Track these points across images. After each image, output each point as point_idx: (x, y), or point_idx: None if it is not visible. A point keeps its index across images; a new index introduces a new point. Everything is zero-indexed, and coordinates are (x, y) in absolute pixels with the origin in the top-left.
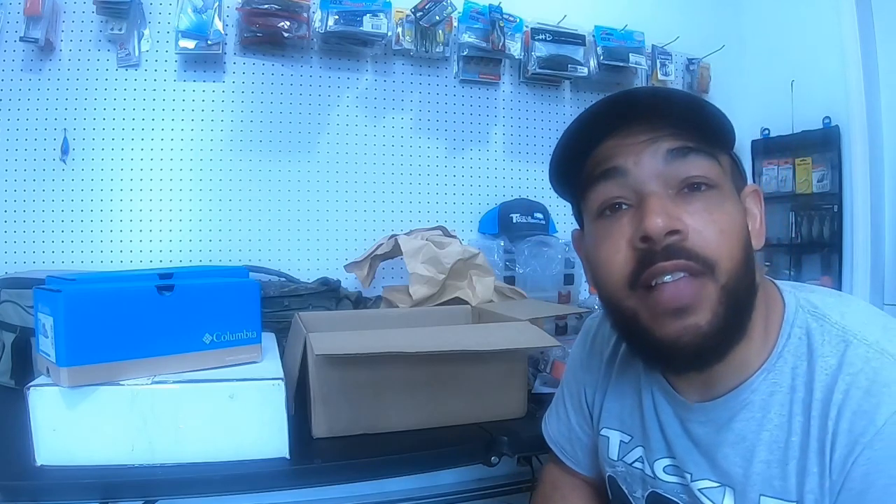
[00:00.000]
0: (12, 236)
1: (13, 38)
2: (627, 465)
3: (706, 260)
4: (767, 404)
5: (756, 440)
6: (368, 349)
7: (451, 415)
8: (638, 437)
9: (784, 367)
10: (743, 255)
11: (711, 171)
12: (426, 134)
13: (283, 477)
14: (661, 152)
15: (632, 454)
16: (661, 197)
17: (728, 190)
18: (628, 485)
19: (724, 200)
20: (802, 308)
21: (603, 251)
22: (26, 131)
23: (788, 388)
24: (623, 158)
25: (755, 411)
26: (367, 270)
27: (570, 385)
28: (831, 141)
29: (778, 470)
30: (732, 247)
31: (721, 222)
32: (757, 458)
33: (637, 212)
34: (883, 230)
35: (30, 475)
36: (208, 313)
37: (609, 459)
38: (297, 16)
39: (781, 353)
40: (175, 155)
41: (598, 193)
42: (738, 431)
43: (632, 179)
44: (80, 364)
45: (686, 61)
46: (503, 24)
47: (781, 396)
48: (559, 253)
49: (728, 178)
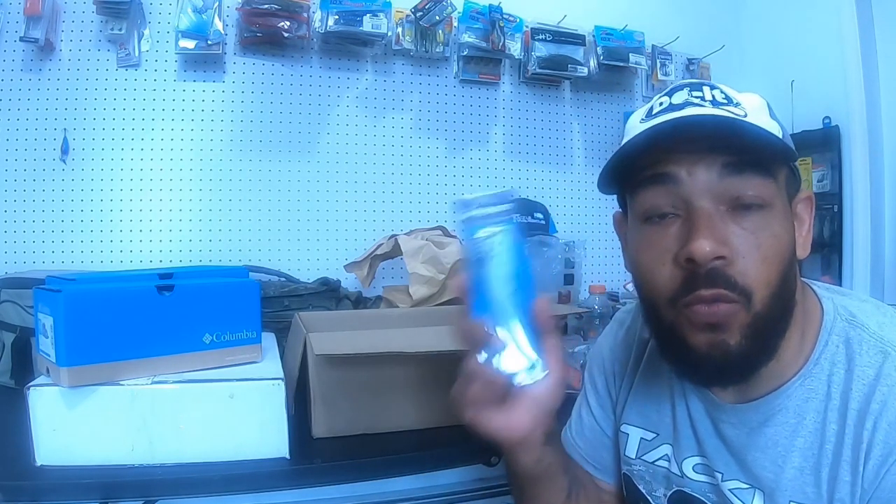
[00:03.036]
0: (12, 236)
1: (13, 38)
2: (648, 464)
3: (744, 290)
4: (802, 410)
5: (789, 446)
6: (368, 349)
7: (451, 415)
8: (665, 435)
9: (820, 374)
10: (781, 280)
11: (766, 189)
12: (426, 134)
13: (283, 477)
14: (716, 166)
15: (654, 452)
16: (710, 216)
17: (780, 207)
18: (647, 484)
19: (773, 221)
20: (840, 316)
21: (647, 259)
22: (26, 131)
23: (824, 395)
24: (676, 166)
25: (789, 417)
26: (367, 270)
27: (594, 377)
28: (831, 141)
29: (811, 477)
30: (772, 275)
31: (765, 247)
32: (790, 465)
33: (685, 224)
34: (883, 230)
35: (30, 475)
36: (208, 313)
37: (625, 457)
38: (297, 16)
39: (818, 360)
40: (175, 155)
41: (646, 197)
42: (771, 436)
43: (683, 189)
44: (80, 364)
45: (686, 61)
46: (503, 24)
47: (816, 403)
48: (559, 253)
49: (782, 191)
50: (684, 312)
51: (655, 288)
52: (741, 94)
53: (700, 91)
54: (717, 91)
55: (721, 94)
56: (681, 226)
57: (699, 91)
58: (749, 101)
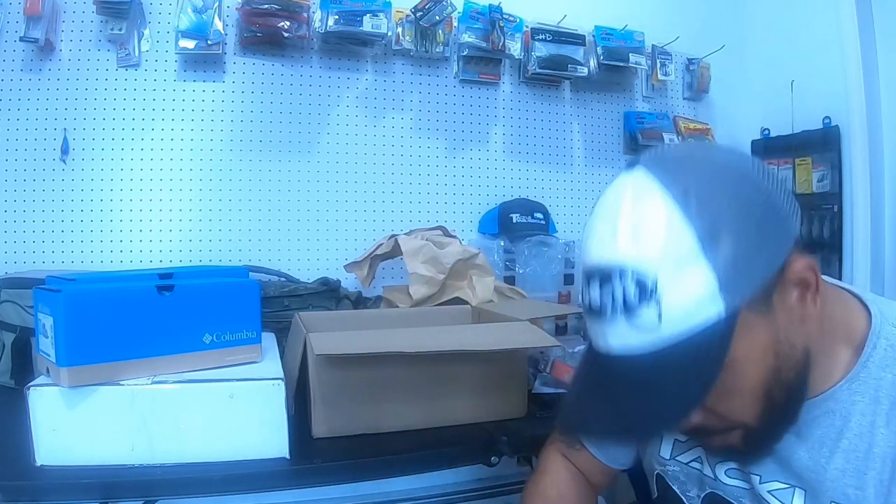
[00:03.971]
0: (12, 236)
1: (13, 38)
2: (682, 465)
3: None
4: (848, 413)
5: (834, 447)
6: (368, 349)
7: (451, 415)
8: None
9: (868, 377)
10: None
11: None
12: (426, 134)
13: (283, 477)
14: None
15: (688, 454)
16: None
17: (744, 356)
18: (681, 484)
19: (738, 380)
20: (887, 321)
21: None
22: (26, 131)
23: (871, 398)
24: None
25: (836, 419)
26: (367, 270)
27: None
28: (831, 141)
29: (853, 479)
30: (750, 414)
31: (733, 411)
32: (833, 465)
33: None
34: (883, 230)
35: (30, 475)
36: (208, 313)
37: (660, 457)
38: (297, 16)
39: (866, 364)
40: (175, 155)
41: None
42: (818, 437)
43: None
44: (80, 364)
45: (686, 61)
46: (503, 24)
47: (863, 406)
48: (559, 253)
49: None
50: None
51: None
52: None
53: (610, 286)
54: (628, 283)
55: (633, 290)
56: None
57: (609, 287)
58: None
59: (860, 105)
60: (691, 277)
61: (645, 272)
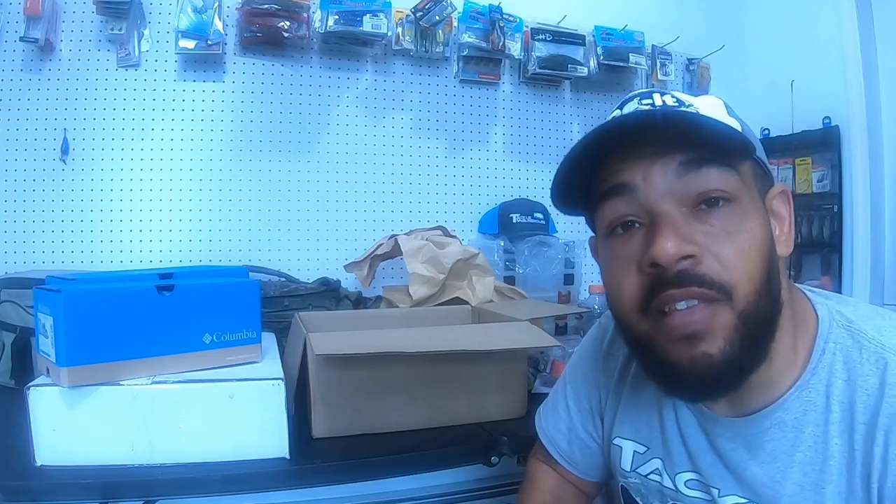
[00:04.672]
0: (12, 236)
1: (13, 38)
2: (642, 477)
3: (722, 286)
4: (801, 423)
5: (789, 461)
6: (368, 349)
7: (451, 415)
8: (655, 449)
9: (818, 384)
10: (765, 276)
11: (729, 182)
12: (426, 134)
13: (283, 477)
14: (671, 166)
15: (647, 466)
16: (672, 218)
17: (749, 201)
18: (643, 497)
19: (744, 215)
20: (836, 322)
21: (613, 273)
22: (26, 131)
23: (823, 407)
24: (631, 174)
25: (787, 431)
26: (367, 270)
27: (576, 384)
28: (831, 141)
29: (812, 493)
30: (752, 268)
31: (740, 241)
32: (789, 480)
33: (649, 232)
34: (883, 230)
35: (30, 475)
36: (208, 313)
37: (622, 470)
38: (297, 16)
39: (815, 370)
40: (175, 155)
41: (606, 211)
42: (770, 451)
43: (641, 197)
44: (79, 364)
45: (686, 61)
46: (503, 24)
47: (815, 416)
48: (559, 253)
49: (751, 186)
50: (659, 325)
51: (623, 299)
52: (696, 98)
53: (650, 98)
54: (668, 96)
55: (672, 99)
56: (645, 234)
57: (649, 99)
58: (704, 101)
59: (860, 105)
60: (721, 115)
61: (683, 98)
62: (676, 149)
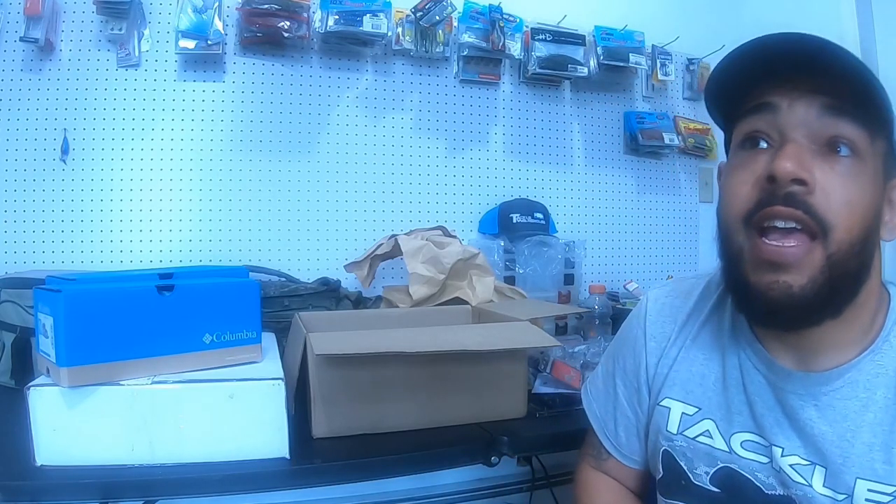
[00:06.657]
0: (12, 236)
1: (13, 38)
2: (689, 440)
3: (823, 221)
4: (873, 385)
5: (859, 421)
6: (368, 349)
7: (451, 415)
8: (708, 410)
9: (890, 350)
10: (861, 236)
11: (861, 139)
12: (426, 134)
13: (283, 477)
14: (816, 104)
15: (696, 428)
16: (799, 145)
17: (872, 171)
18: (688, 461)
19: (863, 175)
20: None
21: (732, 181)
22: (26, 131)
23: (894, 371)
24: (779, 97)
25: (859, 391)
26: (367, 270)
27: (623, 358)
28: None
29: (881, 454)
30: (853, 222)
31: (851, 193)
32: (859, 440)
33: (775, 153)
34: None
35: (30, 475)
36: (208, 313)
37: (666, 433)
38: (297, 16)
39: (888, 338)
40: (175, 155)
41: (745, 126)
42: (840, 409)
43: (780, 119)
44: (80, 364)
45: (686, 61)
46: (503, 24)
47: (887, 379)
48: (559, 253)
49: (877, 158)
50: (753, 241)
51: (732, 206)
52: None
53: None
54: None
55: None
56: (771, 154)
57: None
58: None
59: None
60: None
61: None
62: (826, 91)
